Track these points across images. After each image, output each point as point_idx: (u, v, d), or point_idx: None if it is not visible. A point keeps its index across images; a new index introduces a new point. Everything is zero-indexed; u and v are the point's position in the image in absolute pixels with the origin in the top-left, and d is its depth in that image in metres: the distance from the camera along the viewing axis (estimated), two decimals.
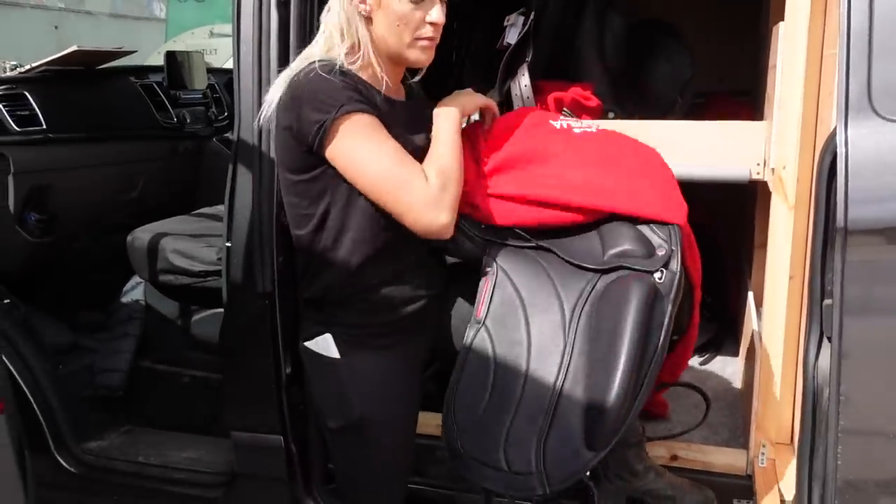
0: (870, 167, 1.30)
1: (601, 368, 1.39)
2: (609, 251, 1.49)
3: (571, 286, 1.49)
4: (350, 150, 1.43)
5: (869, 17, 1.31)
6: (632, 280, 1.43)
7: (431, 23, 1.47)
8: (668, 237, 1.48)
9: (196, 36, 6.52)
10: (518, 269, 1.54)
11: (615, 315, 1.40)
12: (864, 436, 1.37)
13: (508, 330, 1.50)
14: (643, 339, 1.38)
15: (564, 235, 1.56)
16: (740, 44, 2.81)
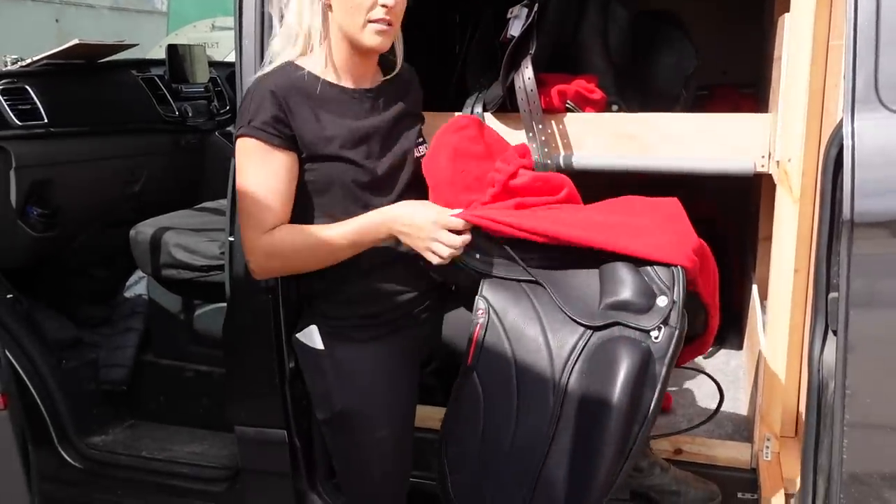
0: (877, 159, 1.29)
1: (586, 444, 1.34)
2: (606, 300, 1.40)
3: (563, 338, 1.42)
4: (237, 164, 1.51)
5: (876, 7, 1.31)
6: (624, 347, 1.34)
7: (383, 5, 1.47)
8: (670, 282, 1.36)
9: (198, 29, 6.51)
10: (510, 313, 1.48)
11: (604, 385, 1.32)
12: (869, 429, 1.37)
13: (498, 381, 1.46)
14: (632, 411, 1.31)
15: (563, 266, 1.47)
16: (744, 35, 2.79)
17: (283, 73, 1.51)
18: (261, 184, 1.47)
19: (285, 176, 1.48)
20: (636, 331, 1.35)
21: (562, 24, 2.13)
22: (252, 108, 1.47)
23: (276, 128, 1.46)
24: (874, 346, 1.34)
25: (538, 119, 1.93)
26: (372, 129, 1.56)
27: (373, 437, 1.61)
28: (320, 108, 1.51)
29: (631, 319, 1.36)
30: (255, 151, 1.47)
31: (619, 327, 1.37)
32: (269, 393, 1.88)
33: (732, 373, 2.42)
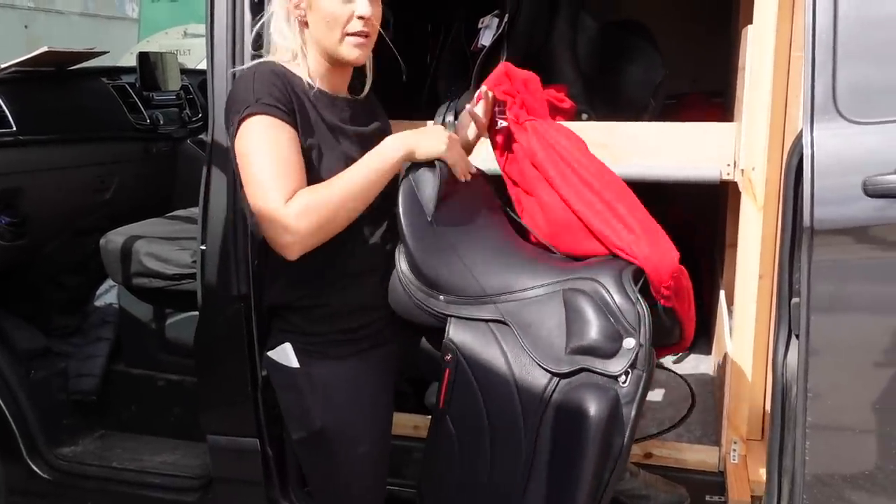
0: (834, 168, 1.32)
1: (561, 487, 1.35)
2: (572, 343, 1.38)
3: (531, 384, 1.40)
4: (242, 148, 1.44)
5: (834, 21, 1.34)
6: (591, 396, 1.33)
7: (360, 17, 1.48)
8: (636, 323, 1.35)
9: (169, 36, 6.46)
10: (478, 357, 1.45)
11: (574, 434, 1.33)
12: (830, 431, 1.40)
13: (470, 424, 1.45)
14: (603, 459, 1.32)
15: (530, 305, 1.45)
16: (713, 45, 2.84)
17: (276, 66, 1.50)
18: (280, 153, 1.42)
19: (296, 149, 1.45)
20: (603, 377, 1.34)
21: (532, 34, 2.16)
22: (257, 88, 1.43)
23: (285, 106, 1.45)
24: (834, 350, 1.37)
25: None
26: (354, 132, 1.56)
27: (353, 454, 1.58)
28: (307, 102, 1.51)
29: (598, 365, 1.35)
30: (269, 125, 1.42)
31: (586, 373, 1.36)
32: (241, 401, 1.87)
33: (701, 377, 2.46)
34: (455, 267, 1.50)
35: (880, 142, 1.31)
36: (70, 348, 2.58)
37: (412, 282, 1.51)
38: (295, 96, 1.48)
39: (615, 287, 1.39)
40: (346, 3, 1.47)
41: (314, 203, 1.40)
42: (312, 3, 1.49)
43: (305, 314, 1.55)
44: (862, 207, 1.31)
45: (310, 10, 1.49)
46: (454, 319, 1.48)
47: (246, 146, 1.43)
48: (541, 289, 1.45)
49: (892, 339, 1.35)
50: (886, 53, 1.33)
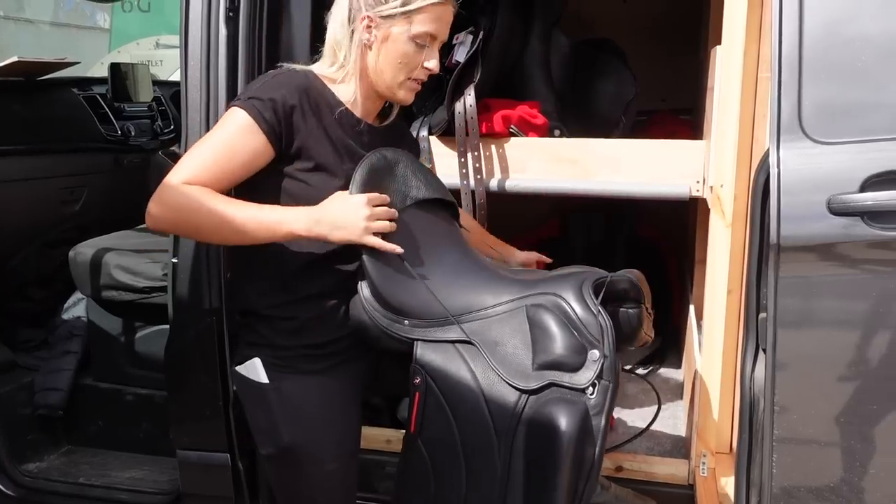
0: (800, 187, 1.35)
1: (537, 499, 1.36)
2: (538, 359, 1.39)
3: (501, 402, 1.41)
4: (217, 125, 1.48)
5: (799, 44, 1.38)
6: (560, 408, 1.35)
7: (427, 68, 1.52)
8: (599, 335, 1.36)
9: (141, 47, 6.41)
10: (446, 378, 1.45)
11: (546, 448, 1.35)
12: (797, 444, 1.42)
13: (443, 446, 1.45)
14: (577, 471, 1.33)
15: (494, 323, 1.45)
16: (682, 64, 2.90)
17: (310, 78, 1.52)
18: (220, 148, 1.43)
19: (248, 158, 1.44)
20: (571, 390, 1.36)
21: (506, 51, 2.18)
22: (262, 89, 1.45)
23: (271, 116, 1.43)
24: (800, 364, 1.40)
25: (474, 145, 1.98)
26: None
27: (322, 470, 1.57)
28: (328, 121, 1.50)
29: (565, 379, 1.36)
30: (238, 123, 1.43)
31: (554, 388, 1.37)
32: (212, 416, 1.86)
33: (672, 391, 2.48)
34: (417, 290, 1.50)
35: (844, 161, 1.34)
36: (36, 362, 2.54)
37: (376, 308, 1.49)
38: (312, 114, 1.47)
39: (576, 300, 1.40)
40: (419, 52, 1.50)
41: (191, 202, 1.40)
42: (389, 38, 1.49)
43: (274, 326, 1.54)
44: (826, 225, 1.34)
45: (383, 42, 1.49)
46: (420, 343, 1.48)
47: (215, 126, 1.48)
48: (503, 306, 1.46)
49: (855, 353, 1.38)
50: (850, 75, 1.37)
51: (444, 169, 2.05)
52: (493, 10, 2.12)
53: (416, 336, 1.48)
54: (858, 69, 1.36)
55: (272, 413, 1.54)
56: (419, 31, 1.49)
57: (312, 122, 1.48)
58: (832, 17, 1.38)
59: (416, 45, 1.50)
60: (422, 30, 1.49)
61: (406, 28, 1.48)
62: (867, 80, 1.36)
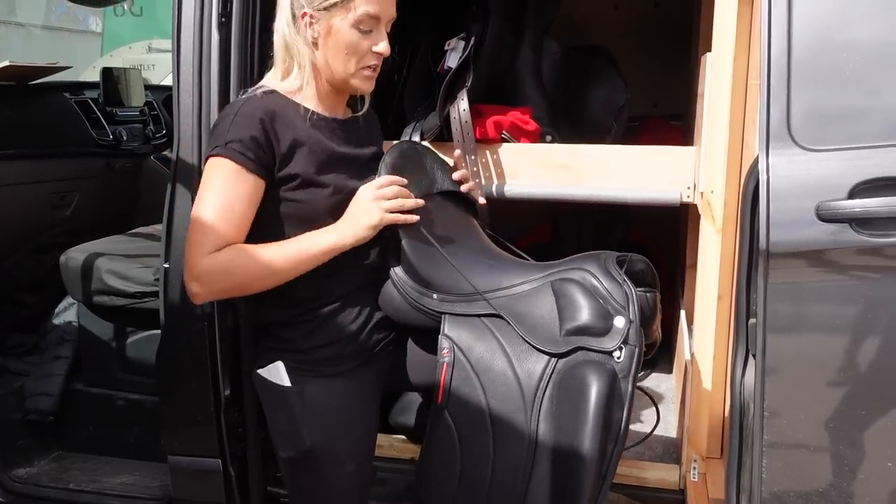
0: (789, 193, 1.36)
1: (564, 471, 1.38)
2: (566, 325, 1.44)
3: (530, 367, 1.45)
4: (202, 184, 1.46)
5: (788, 52, 1.39)
6: (590, 371, 1.39)
7: (378, 53, 1.50)
8: (625, 301, 1.41)
9: (133, 51, 6.40)
10: (475, 348, 1.50)
11: (576, 410, 1.37)
12: (787, 449, 1.43)
13: (471, 415, 1.47)
14: (605, 431, 1.36)
15: (520, 299, 1.50)
16: (673, 70, 2.91)
17: (268, 99, 1.49)
18: (222, 204, 1.43)
19: (249, 202, 1.45)
20: (599, 353, 1.40)
21: (497, 57, 2.19)
22: (233, 130, 1.44)
23: (255, 152, 1.43)
24: (790, 369, 1.41)
25: (472, 150, 1.98)
26: (348, 157, 1.56)
27: (341, 472, 1.57)
28: (304, 133, 1.50)
29: (593, 343, 1.41)
30: (227, 172, 1.43)
31: (582, 352, 1.41)
32: (204, 421, 1.85)
33: (663, 395, 2.49)
34: (445, 268, 1.55)
35: (832, 168, 1.35)
36: (27, 367, 2.53)
37: (406, 282, 1.54)
38: (287, 132, 1.47)
39: (601, 272, 1.46)
40: (365, 38, 1.49)
41: (231, 267, 1.43)
42: (331, 30, 1.48)
43: (295, 329, 1.55)
44: (815, 231, 1.35)
45: (327, 35, 1.48)
46: (448, 316, 1.52)
47: (203, 184, 1.46)
48: (528, 284, 1.51)
49: (843, 358, 1.39)
50: (838, 83, 1.38)
51: None
52: (485, 17, 2.12)
53: (444, 310, 1.52)
54: (847, 76, 1.37)
55: (294, 416, 1.54)
56: (360, 16, 1.46)
57: (287, 141, 1.47)
58: (821, 23, 1.40)
59: (361, 32, 1.48)
60: (362, 13, 1.46)
61: (346, 16, 1.46)
62: (856, 87, 1.37)
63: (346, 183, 1.53)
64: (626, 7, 3.15)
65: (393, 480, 2.00)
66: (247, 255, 1.44)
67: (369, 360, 1.61)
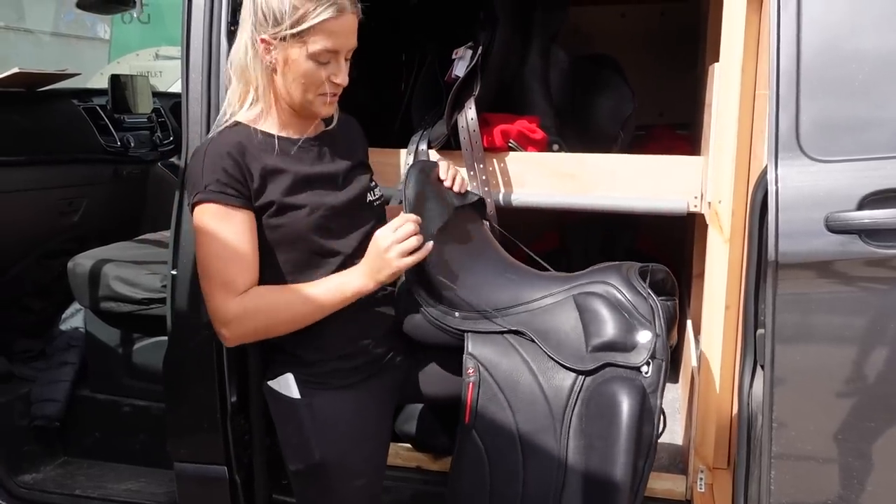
0: (798, 204, 1.36)
1: (598, 487, 1.38)
2: (592, 342, 1.44)
3: (557, 384, 1.45)
4: (197, 232, 1.46)
5: (797, 63, 1.39)
6: (620, 387, 1.39)
7: (335, 83, 1.47)
8: (650, 315, 1.42)
9: (141, 58, 6.43)
10: (500, 366, 1.49)
11: (607, 426, 1.37)
12: (795, 460, 1.43)
13: (499, 434, 1.47)
14: (637, 447, 1.36)
15: (542, 314, 1.51)
16: (680, 79, 2.92)
17: (232, 133, 1.48)
18: (226, 247, 1.42)
19: (249, 236, 1.44)
20: (627, 369, 1.39)
21: (505, 66, 2.19)
22: (207, 173, 1.42)
23: (234, 188, 1.42)
24: (799, 381, 1.40)
25: (479, 158, 1.98)
26: (323, 175, 1.54)
27: (350, 486, 1.56)
28: (271, 160, 1.48)
29: (620, 359, 1.41)
30: (215, 216, 1.42)
31: (610, 368, 1.41)
32: (210, 428, 1.85)
33: (669, 405, 2.48)
34: (466, 285, 1.55)
35: (841, 179, 1.35)
36: (34, 373, 2.54)
37: (427, 301, 1.54)
38: (255, 163, 1.46)
39: (625, 285, 1.46)
40: (321, 68, 1.44)
41: (258, 312, 1.44)
42: (288, 61, 1.44)
43: (307, 345, 1.54)
44: (824, 242, 1.35)
45: (284, 65, 1.45)
46: (471, 335, 1.51)
47: (198, 235, 1.45)
48: (549, 298, 1.51)
49: (853, 369, 1.38)
50: (847, 93, 1.38)
51: None
52: (493, 26, 2.13)
53: (467, 328, 1.52)
54: (857, 86, 1.37)
55: (304, 429, 1.53)
56: (316, 50, 1.42)
57: (257, 171, 1.46)
58: (831, 32, 1.40)
59: (318, 63, 1.44)
60: (318, 48, 1.42)
61: (302, 49, 1.42)
62: (865, 97, 1.37)
63: (323, 200, 1.51)
64: (633, 16, 3.16)
65: (397, 489, 1.99)
66: (275, 296, 1.46)
67: (379, 373, 1.61)
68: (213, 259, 1.43)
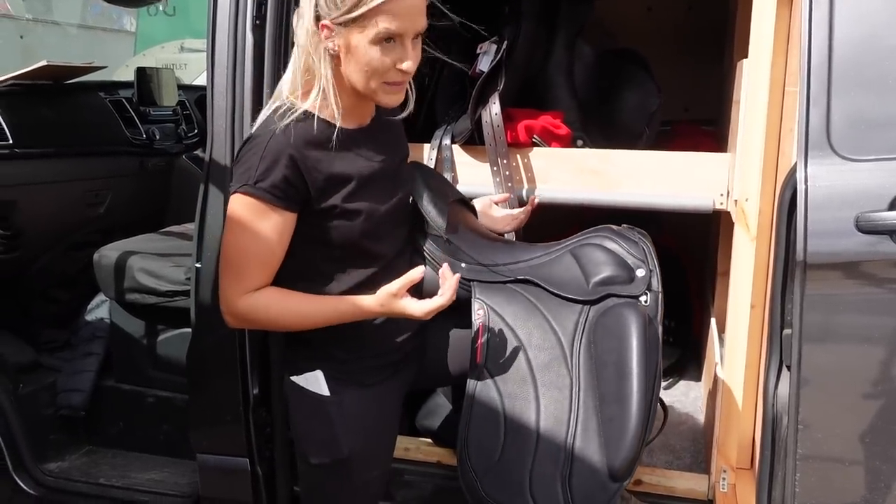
0: (828, 203, 1.34)
1: (613, 401, 1.42)
2: (592, 279, 1.53)
3: (564, 318, 1.52)
4: (228, 220, 1.44)
5: (829, 60, 1.37)
6: (625, 309, 1.47)
7: (401, 70, 1.39)
8: (642, 256, 1.52)
9: (166, 50, 6.46)
10: (508, 308, 1.55)
11: (618, 347, 1.44)
12: (821, 462, 1.41)
13: (511, 370, 1.51)
14: (649, 365, 1.42)
15: (543, 266, 1.58)
16: (705, 75, 2.88)
17: (297, 129, 1.41)
18: (253, 244, 1.42)
19: (280, 238, 1.43)
20: (628, 298, 1.49)
21: (529, 61, 2.18)
22: (262, 168, 1.38)
23: (284, 191, 1.39)
24: (826, 382, 1.39)
25: (503, 153, 1.98)
26: (382, 174, 1.51)
27: (368, 476, 1.59)
28: (336, 162, 1.45)
29: (620, 290, 1.51)
30: (254, 210, 1.40)
31: (612, 298, 1.51)
32: (232, 420, 1.87)
33: (692, 404, 2.47)
34: (468, 240, 1.64)
35: (872, 179, 1.33)
36: (59, 363, 2.57)
37: (435, 252, 1.61)
38: (317, 164, 1.42)
39: (616, 235, 1.57)
40: (387, 55, 1.36)
41: (268, 312, 1.46)
42: (350, 47, 1.37)
43: (339, 340, 1.53)
44: (854, 242, 1.33)
45: (346, 52, 1.38)
46: (477, 283, 1.59)
47: (230, 222, 1.43)
48: (547, 256, 1.60)
49: (881, 371, 1.36)
50: (880, 91, 1.36)
51: (467, 177, 2.06)
52: (517, 20, 2.12)
53: (472, 277, 1.59)
54: (890, 84, 1.35)
55: (333, 425, 1.54)
56: (379, 34, 1.34)
57: (321, 175, 1.43)
58: (863, 29, 1.37)
59: (383, 48, 1.35)
60: (381, 31, 1.33)
61: (364, 34, 1.34)
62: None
63: (378, 206, 1.49)
64: (659, 9, 3.13)
65: (420, 483, 2.00)
66: (285, 304, 1.47)
67: (400, 370, 1.62)
68: (236, 250, 1.43)
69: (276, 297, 1.46)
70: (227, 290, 1.46)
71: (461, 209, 1.75)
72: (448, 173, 2.05)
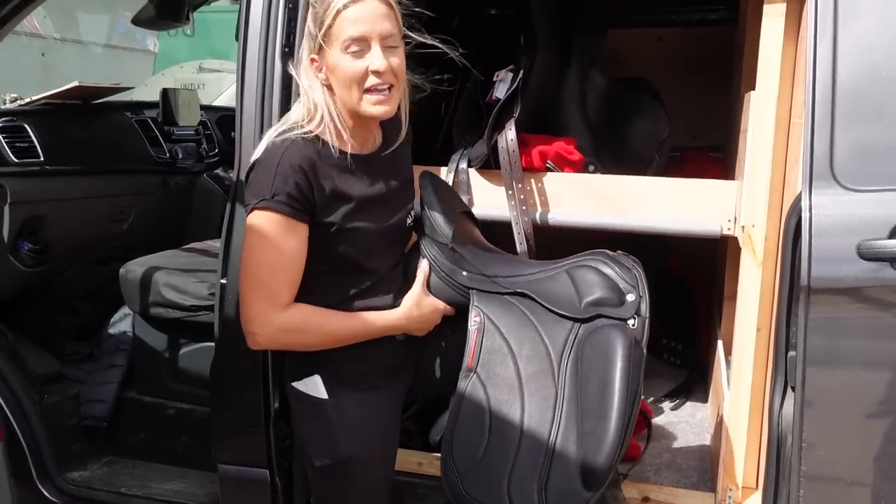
0: (831, 231, 1.41)
1: (594, 416, 1.49)
2: (585, 299, 1.61)
3: (555, 333, 1.61)
4: (249, 235, 1.52)
5: (832, 94, 1.44)
6: (613, 330, 1.55)
7: (374, 72, 1.48)
8: (634, 282, 1.60)
9: (185, 70, 6.59)
10: (503, 318, 1.64)
11: (604, 365, 1.51)
12: (824, 481, 1.46)
13: (500, 377, 1.60)
14: (632, 382, 1.49)
15: (540, 282, 1.67)
16: (713, 103, 2.95)
17: (305, 146, 1.51)
18: (280, 258, 1.48)
19: (302, 250, 1.51)
20: (616, 320, 1.57)
21: (544, 89, 2.25)
22: (278, 182, 1.46)
23: (300, 202, 1.48)
24: (829, 403, 1.44)
25: (518, 178, 2.04)
26: (380, 197, 1.61)
27: (372, 478, 1.65)
28: (339, 182, 1.54)
29: (610, 311, 1.58)
30: (278, 225, 1.47)
31: (601, 319, 1.58)
32: (253, 432, 1.92)
33: (698, 424, 2.51)
34: (474, 251, 1.73)
35: (873, 208, 1.39)
36: (83, 374, 2.62)
37: (439, 257, 1.70)
38: (325, 182, 1.51)
39: (610, 260, 1.65)
40: (357, 60, 1.48)
41: (303, 332, 1.55)
42: (330, 66, 1.50)
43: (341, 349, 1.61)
44: (856, 269, 1.39)
45: (331, 73, 1.52)
46: (476, 292, 1.67)
47: (251, 237, 1.50)
48: (544, 273, 1.69)
49: (883, 393, 1.42)
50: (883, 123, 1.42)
51: (482, 200, 2.12)
52: (533, 50, 2.19)
53: (472, 285, 1.68)
54: (891, 118, 1.41)
55: (331, 427, 1.61)
56: (345, 42, 1.46)
57: (326, 191, 1.52)
58: (866, 64, 1.44)
59: (352, 55, 1.47)
60: (346, 39, 1.46)
61: (335, 48, 1.48)
62: None
63: (373, 224, 1.60)
64: (669, 40, 3.21)
65: (432, 497, 2.04)
66: (319, 320, 1.55)
67: (398, 374, 1.71)
68: (262, 267, 1.49)
69: (308, 313, 1.53)
70: (259, 310, 1.50)
71: (466, 221, 1.85)
72: (464, 196, 2.12)
